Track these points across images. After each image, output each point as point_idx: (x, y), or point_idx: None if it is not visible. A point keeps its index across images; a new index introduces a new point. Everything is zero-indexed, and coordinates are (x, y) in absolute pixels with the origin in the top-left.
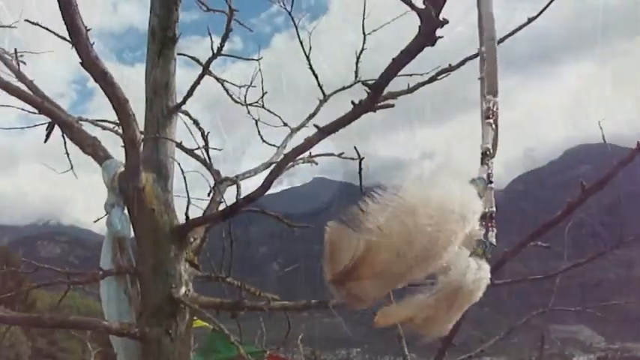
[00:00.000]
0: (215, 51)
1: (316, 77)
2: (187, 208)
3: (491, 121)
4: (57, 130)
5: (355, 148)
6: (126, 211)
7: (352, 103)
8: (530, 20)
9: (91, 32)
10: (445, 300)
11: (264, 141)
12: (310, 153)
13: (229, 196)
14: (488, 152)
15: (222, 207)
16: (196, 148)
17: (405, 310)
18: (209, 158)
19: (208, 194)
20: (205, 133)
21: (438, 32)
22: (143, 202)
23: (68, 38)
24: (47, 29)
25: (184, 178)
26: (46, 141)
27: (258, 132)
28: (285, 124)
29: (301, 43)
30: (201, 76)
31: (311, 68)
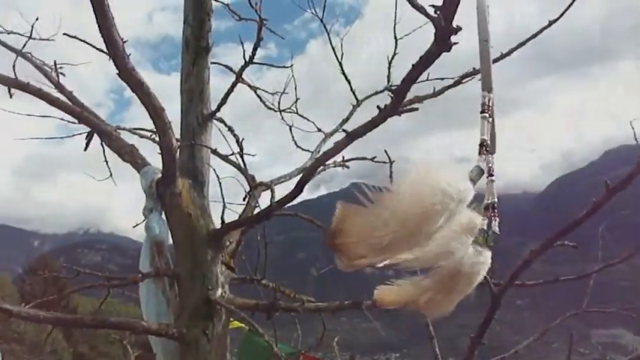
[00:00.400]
0: (247, 59)
1: (349, 82)
2: (223, 212)
3: (487, 114)
4: (96, 140)
5: (385, 151)
6: (163, 216)
7: (377, 107)
8: (551, 23)
9: (128, 42)
10: (445, 282)
11: (297, 146)
12: (343, 157)
13: (265, 201)
14: (484, 143)
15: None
16: (230, 154)
17: (403, 290)
18: (244, 164)
19: (244, 199)
20: (240, 140)
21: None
22: (180, 207)
23: (105, 50)
24: (85, 42)
25: (219, 183)
26: (85, 149)
27: (292, 138)
28: (319, 130)
29: (333, 49)
30: (234, 84)
31: (343, 74)
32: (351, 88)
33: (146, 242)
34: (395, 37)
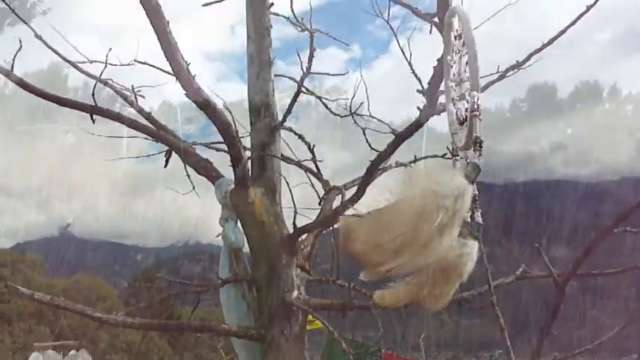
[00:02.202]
0: (305, 70)
1: (419, 81)
2: (294, 217)
3: (478, 113)
4: None
5: (447, 147)
6: (239, 224)
7: (417, 108)
8: (588, 8)
9: (214, 55)
10: (438, 277)
11: (372, 148)
12: (415, 156)
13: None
14: (477, 140)
15: None
16: (298, 161)
17: (400, 291)
18: (318, 169)
19: (319, 203)
20: (311, 146)
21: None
22: (253, 215)
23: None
24: (154, 66)
25: (290, 190)
26: (165, 166)
27: (366, 140)
28: (393, 131)
29: (402, 49)
30: (296, 94)
31: (413, 72)
32: (422, 87)
33: (224, 250)
34: None
